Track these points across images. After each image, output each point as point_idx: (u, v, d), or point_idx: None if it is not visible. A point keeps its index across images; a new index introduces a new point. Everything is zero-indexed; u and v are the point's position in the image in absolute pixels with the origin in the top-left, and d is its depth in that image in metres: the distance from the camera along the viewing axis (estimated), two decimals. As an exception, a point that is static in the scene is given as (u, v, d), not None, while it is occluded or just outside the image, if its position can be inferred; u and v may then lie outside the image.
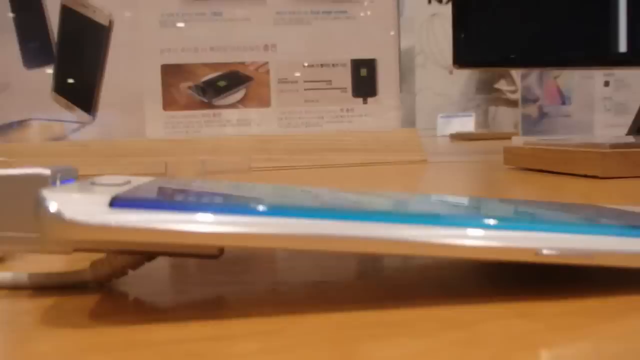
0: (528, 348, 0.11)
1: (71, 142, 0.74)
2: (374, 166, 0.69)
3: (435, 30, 2.88)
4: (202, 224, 0.12)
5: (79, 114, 0.76)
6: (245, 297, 0.15)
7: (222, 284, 0.17)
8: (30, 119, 0.75)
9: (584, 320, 0.12)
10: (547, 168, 0.52)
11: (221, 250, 0.16)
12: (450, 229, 0.13)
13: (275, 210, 0.13)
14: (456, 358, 0.10)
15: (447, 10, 0.69)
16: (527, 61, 0.79)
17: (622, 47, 0.65)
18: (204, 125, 0.77)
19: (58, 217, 0.12)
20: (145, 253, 0.16)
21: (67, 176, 0.16)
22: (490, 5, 0.72)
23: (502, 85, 2.87)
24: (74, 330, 0.13)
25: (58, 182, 0.16)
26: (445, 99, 3.48)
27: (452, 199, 0.20)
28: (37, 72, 0.75)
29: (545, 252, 0.13)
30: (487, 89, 3.54)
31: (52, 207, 0.12)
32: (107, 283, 0.17)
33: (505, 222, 0.14)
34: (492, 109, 3.25)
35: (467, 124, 2.51)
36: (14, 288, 0.17)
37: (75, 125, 0.76)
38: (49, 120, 0.76)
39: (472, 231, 0.13)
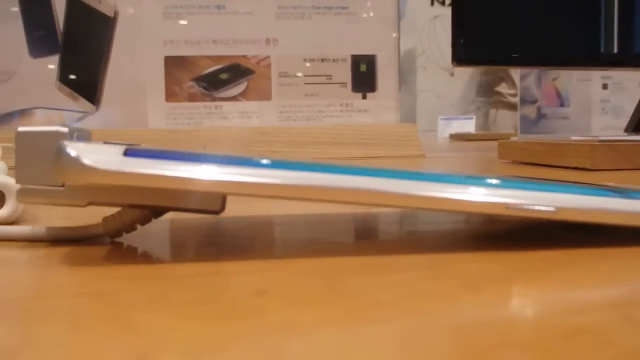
0: (493, 282, 0.12)
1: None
2: (372, 160, 0.71)
3: (437, 32, 2.89)
4: (205, 172, 0.14)
5: (82, 104, 0.77)
6: (243, 248, 0.17)
7: (222, 238, 0.18)
8: (35, 108, 0.77)
9: (546, 266, 0.14)
10: (539, 161, 0.54)
11: (223, 206, 0.17)
12: (433, 184, 0.14)
13: (271, 164, 0.14)
14: (429, 287, 0.12)
15: (449, 12, 0.71)
16: (524, 60, 0.80)
17: (615, 48, 0.67)
18: (205, 117, 0.79)
19: (78, 162, 0.14)
20: (153, 208, 0.17)
21: (82, 136, 0.18)
22: (489, 4, 0.73)
23: (502, 88, 2.88)
24: (89, 267, 0.14)
25: (75, 140, 0.17)
26: (446, 101, 3.49)
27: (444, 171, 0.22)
28: (43, 61, 0.77)
29: (512, 206, 0.14)
30: (487, 91, 3.55)
31: (72, 153, 0.14)
32: (118, 237, 0.18)
33: (481, 181, 0.15)
34: (492, 111, 3.26)
35: (467, 126, 2.52)
36: (33, 240, 0.18)
37: (79, 115, 0.77)
38: (53, 109, 0.77)
39: (454, 187, 0.15)
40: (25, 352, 0.09)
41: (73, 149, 0.14)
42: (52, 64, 0.76)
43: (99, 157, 0.14)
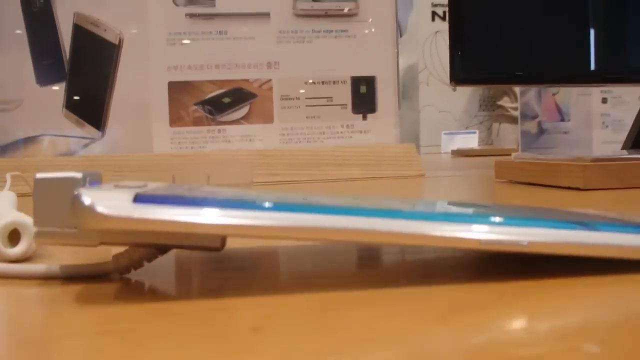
0: (462, 313, 0.13)
1: (81, 157, 0.77)
2: (373, 180, 0.72)
3: (439, 47, 2.91)
4: (208, 217, 0.15)
5: (88, 130, 0.79)
6: (241, 283, 0.18)
7: (221, 273, 0.20)
8: (42, 135, 0.79)
9: (513, 297, 0.15)
10: (534, 181, 0.55)
11: (223, 244, 0.19)
12: (412, 221, 0.16)
13: (271, 207, 0.16)
14: (405, 319, 0.13)
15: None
16: (523, 79, 0.82)
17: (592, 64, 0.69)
18: (209, 141, 0.80)
19: (92, 209, 0.15)
20: (159, 246, 0.19)
21: (94, 179, 0.19)
22: (485, 24, 0.75)
23: (505, 102, 2.90)
24: (101, 305, 0.16)
25: (87, 184, 0.19)
26: (448, 116, 3.51)
27: (428, 201, 0.23)
28: (49, 89, 0.79)
29: (485, 241, 0.16)
30: (490, 105, 3.57)
31: (87, 201, 0.15)
32: (127, 273, 0.20)
33: (457, 218, 0.16)
34: (495, 125, 3.27)
35: (470, 140, 2.54)
36: (47, 278, 0.20)
37: (86, 141, 0.79)
38: (60, 135, 0.79)
39: (432, 224, 0.16)
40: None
41: (87, 196, 0.15)
42: (58, 91, 0.78)
43: (110, 204, 0.15)
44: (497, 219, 0.17)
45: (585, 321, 0.13)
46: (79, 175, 0.18)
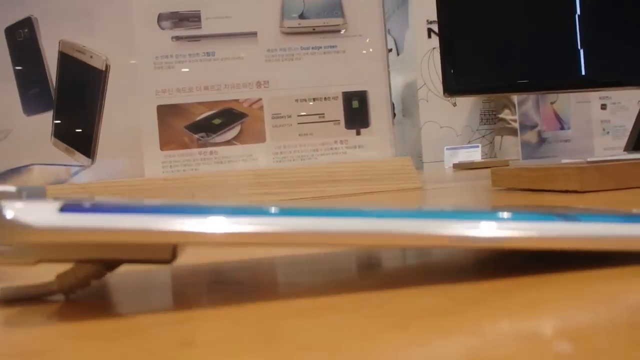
0: (424, 318, 0.12)
1: (71, 185, 0.76)
2: (370, 195, 0.71)
3: (436, 63, 2.91)
4: (135, 222, 0.14)
5: (78, 158, 0.78)
6: (184, 297, 0.17)
7: (170, 286, 0.18)
8: (31, 164, 0.77)
9: (481, 298, 0.13)
10: (531, 187, 0.53)
11: (174, 255, 0.17)
12: (371, 220, 0.14)
13: (212, 210, 0.14)
14: (361, 327, 0.11)
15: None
16: (516, 87, 0.81)
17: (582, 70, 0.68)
18: (201, 163, 0.79)
19: (12, 222, 0.14)
20: (105, 262, 0.17)
21: (34, 194, 0.18)
22: (475, 33, 0.74)
23: (506, 114, 2.89)
24: (33, 327, 0.14)
25: (24, 197, 0.17)
26: (450, 131, 3.50)
27: (396, 205, 0.22)
28: (37, 118, 0.78)
29: (454, 238, 0.14)
30: (491, 119, 3.56)
31: (9, 214, 0.14)
32: (72, 293, 0.18)
33: (429, 215, 0.15)
34: (497, 138, 3.26)
35: (473, 155, 2.52)
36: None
37: (76, 169, 0.78)
38: (49, 164, 0.78)
39: (403, 221, 0.14)
40: None
41: (9, 208, 0.14)
42: (46, 120, 0.77)
43: (34, 215, 0.14)
44: (469, 215, 0.15)
45: (558, 320, 0.11)
46: (12, 188, 0.17)
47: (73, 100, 0.78)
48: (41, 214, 0.14)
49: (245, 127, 0.80)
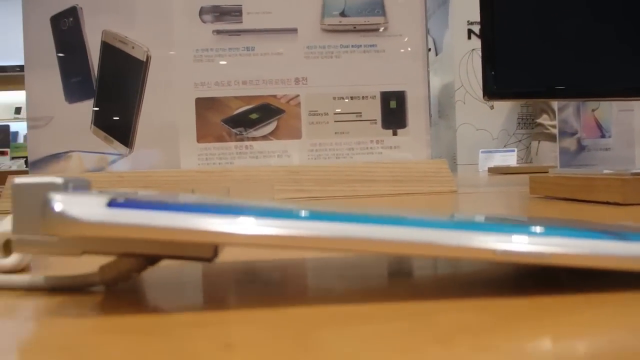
0: (466, 334, 0.12)
1: (109, 173, 0.77)
2: (404, 196, 0.70)
3: (475, 65, 2.88)
4: (185, 221, 0.14)
5: (116, 146, 0.79)
6: (226, 298, 0.17)
7: (209, 287, 0.18)
8: (71, 151, 0.79)
9: (522, 316, 0.13)
10: (571, 196, 0.52)
11: (215, 254, 0.17)
12: (427, 229, 0.14)
13: (257, 211, 0.14)
14: (398, 340, 0.11)
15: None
16: (559, 93, 0.80)
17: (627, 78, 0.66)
18: (236, 157, 0.80)
19: (61, 215, 0.14)
20: (147, 257, 0.18)
21: (79, 186, 0.18)
22: (519, 36, 0.73)
23: (544, 119, 2.85)
24: (76, 319, 0.15)
25: (70, 190, 0.17)
26: (486, 134, 3.47)
27: (444, 213, 0.21)
28: (78, 106, 0.79)
29: (500, 252, 0.14)
30: (529, 123, 3.51)
31: (57, 207, 0.14)
32: (114, 285, 0.18)
33: (472, 226, 0.15)
34: (534, 143, 3.22)
35: (509, 159, 2.49)
36: (32, 289, 0.18)
37: (114, 157, 0.79)
38: (88, 152, 0.79)
39: (446, 233, 0.14)
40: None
41: (58, 201, 0.14)
42: (87, 108, 0.79)
43: (81, 209, 0.14)
44: (514, 228, 0.15)
45: (598, 346, 0.11)
46: (59, 180, 0.17)
47: (113, 90, 0.79)
48: (89, 208, 0.14)
49: (282, 123, 0.80)
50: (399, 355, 0.11)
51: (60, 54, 0.79)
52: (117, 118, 0.79)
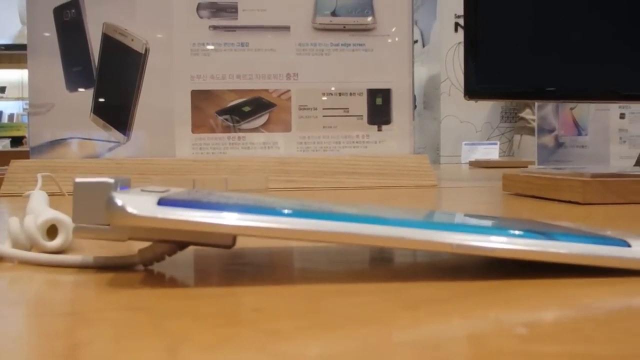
0: (429, 304, 0.16)
1: (107, 160, 0.81)
2: (386, 189, 0.75)
3: (461, 58, 2.91)
4: (222, 219, 0.18)
5: (114, 134, 0.83)
6: (248, 275, 0.21)
7: (231, 266, 0.23)
8: (71, 138, 0.82)
9: (474, 293, 0.18)
10: (538, 194, 0.57)
11: (234, 242, 0.21)
12: (391, 227, 0.19)
13: (273, 211, 0.19)
14: (379, 307, 0.16)
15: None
16: (538, 94, 0.84)
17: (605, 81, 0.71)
18: (229, 148, 0.84)
19: (123, 210, 0.18)
20: (178, 243, 0.22)
21: (124, 184, 0.22)
22: (502, 36, 0.77)
23: (527, 114, 2.90)
24: (129, 289, 0.19)
25: (119, 188, 0.22)
26: (470, 127, 3.52)
27: (414, 210, 0.26)
28: (79, 94, 0.82)
29: (455, 245, 0.18)
30: (512, 117, 3.57)
31: (119, 202, 0.18)
32: (150, 265, 0.23)
33: (438, 226, 0.19)
34: (517, 137, 3.28)
35: (491, 152, 2.53)
36: (82, 267, 0.23)
37: (111, 144, 0.83)
38: (87, 139, 0.83)
39: (414, 230, 0.19)
40: (97, 345, 0.13)
41: (119, 199, 0.18)
42: (87, 97, 0.82)
43: (138, 205, 0.18)
44: (472, 228, 0.19)
45: (527, 313, 0.16)
46: (111, 180, 0.21)
47: (113, 80, 0.83)
48: (143, 205, 0.18)
49: (273, 116, 0.84)
50: (377, 316, 0.15)
51: (62, 44, 0.82)
52: (116, 107, 0.82)
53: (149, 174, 0.78)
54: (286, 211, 0.19)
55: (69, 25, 0.83)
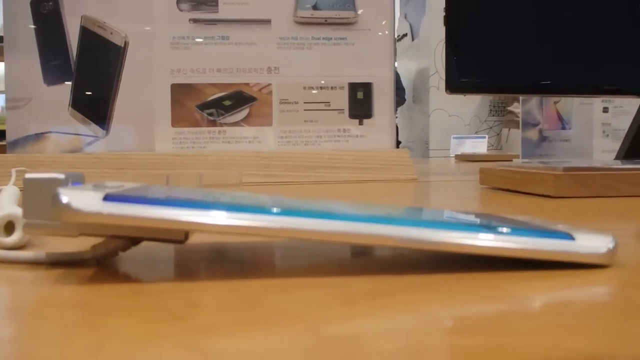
0: (367, 298, 0.16)
1: (85, 155, 0.80)
2: (366, 183, 0.75)
3: (448, 52, 2.91)
4: (162, 213, 0.18)
5: (93, 128, 0.82)
6: (191, 271, 0.21)
7: (180, 261, 0.23)
8: (48, 132, 0.82)
9: (416, 285, 0.18)
10: (513, 188, 0.58)
11: (186, 237, 0.21)
12: (341, 222, 0.19)
13: (216, 205, 0.19)
14: (319, 301, 0.16)
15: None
16: (520, 89, 0.84)
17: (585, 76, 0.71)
18: (209, 142, 0.84)
19: (67, 206, 0.18)
20: (131, 238, 0.22)
21: (76, 180, 0.22)
22: (482, 32, 0.78)
23: (515, 108, 2.92)
24: (77, 285, 0.19)
25: (70, 184, 0.22)
26: (458, 120, 3.52)
27: (372, 205, 0.26)
28: (57, 88, 0.82)
29: (399, 239, 0.19)
30: (500, 111, 3.58)
31: (64, 199, 0.18)
32: (104, 261, 0.23)
33: (387, 220, 0.19)
34: (504, 131, 3.29)
35: (480, 145, 2.54)
36: (35, 263, 0.23)
37: (90, 139, 0.83)
38: (65, 133, 0.82)
39: (355, 225, 0.19)
40: (24, 341, 0.13)
41: (64, 195, 0.18)
42: (65, 91, 0.82)
43: (83, 201, 0.18)
44: (420, 223, 0.20)
45: (458, 307, 0.16)
46: (62, 176, 0.21)
47: (91, 74, 0.83)
48: (88, 201, 0.18)
49: (254, 110, 0.84)
50: (313, 311, 0.15)
51: (40, 37, 0.82)
52: (95, 101, 0.82)
53: (128, 168, 0.77)
54: (221, 205, 0.19)
55: (47, 18, 0.82)
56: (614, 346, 0.12)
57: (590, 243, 0.20)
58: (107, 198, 0.19)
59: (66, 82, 0.82)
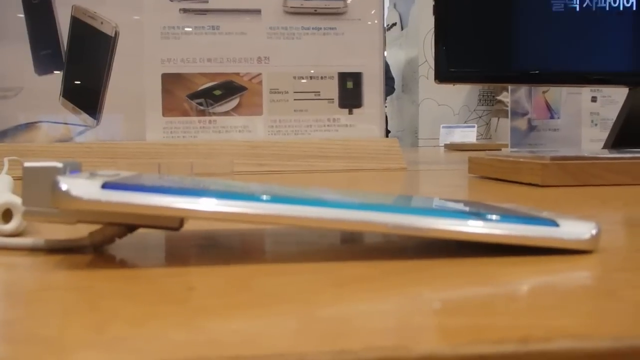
0: (355, 281, 0.17)
1: (76, 144, 0.81)
2: (356, 172, 0.76)
3: (438, 41, 2.91)
4: (159, 201, 0.19)
5: (84, 118, 0.82)
6: (188, 257, 0.22)
7: (175, 249, 0.23)
8: (39, 122, 0.82)
9: (403, 269, 0.18)
10: (501, 177, 0.58)
11: (181, 225, 0.22)
12: (331, 209, 0.19)
13: (211, 193, 0.19)
14: (310, 285, 0.17)
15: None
16: (509, 78, 0.85)
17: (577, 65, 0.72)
18: (200, 131, 0.84)
19: (67, 194, 0.19)
20: (128, 225, 0.22)
21: (73, 168, 0.23)
22: (470, 22, 0.78)
23: (504, 97, 2.93)
24: (76, 270, 0.20)
25: (67, 172, 0.22)
26: (448, 110, 3.53)
27: (363, 192, 0.27)
28: (48, 78, 0.82)
29: (391, 225, 0.19)
30: (490, 100, 3.59)
31: (63, 187, 0.19)
32: (100, 248, 0.23)
33: (378, 207, 0.20)
34: (494, 120, 3.30)
35: (469, 134, 2.55)
36: (34, 249, 0.23)
37: (81, 128, 0.83)
38: (56, 123, 0.82)
39: (346, 212, 0.20)
40: (25, 322, 0.14)
41: (64, 183, 0.19)
42: (56, 80, 0.82)
43: (82, 189, 0.19)
44: (410, 209, 0.20)
45: (443, 291, 0.17)
46: (60, 164, 0.22)
47: (82, 64, 0.83)
48: (87, 189, 0.19)
49: (244, 99, 0.85)
50: (304, 294, 0.16)
51: (30, 27, 0.82)
52: (85, 91, 0.82)
53: (119, 157, 0.78)
54: (215, 193, 0.19)
55: (37, 8, 0.82)
56: (593, 325, 0.13)
57: (574, 229, 0.21)
58: (106, 186, 0.19)
59: (57, 72, 0.82)
